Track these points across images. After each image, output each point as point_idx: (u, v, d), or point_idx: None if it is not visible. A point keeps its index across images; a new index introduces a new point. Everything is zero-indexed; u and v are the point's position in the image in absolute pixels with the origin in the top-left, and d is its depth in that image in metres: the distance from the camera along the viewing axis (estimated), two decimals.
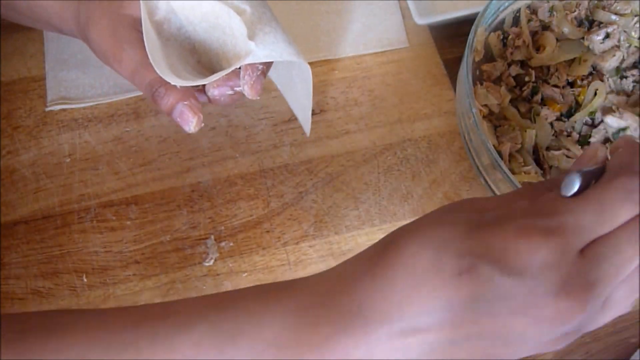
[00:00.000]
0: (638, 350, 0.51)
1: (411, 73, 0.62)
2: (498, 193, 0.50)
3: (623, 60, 0.57)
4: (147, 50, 0.44)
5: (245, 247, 0.53)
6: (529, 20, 0.58)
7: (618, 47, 0.56)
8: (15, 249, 0.52)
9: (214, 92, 0.46)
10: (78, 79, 0.59)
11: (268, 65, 0.46)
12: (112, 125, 0.58)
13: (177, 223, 0.54)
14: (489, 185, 0.51)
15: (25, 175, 0.55)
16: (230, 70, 0.44)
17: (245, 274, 0.52)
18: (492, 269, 0.27)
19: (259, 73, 0.45)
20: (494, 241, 0.28)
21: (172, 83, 0.43)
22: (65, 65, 0.60)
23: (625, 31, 0.56)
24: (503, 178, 0.47)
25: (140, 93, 0.59)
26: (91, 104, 0.58)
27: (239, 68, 0.45)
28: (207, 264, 0.52)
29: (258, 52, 0.43)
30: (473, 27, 0.52)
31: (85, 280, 0.51)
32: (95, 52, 0.48)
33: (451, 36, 0.65)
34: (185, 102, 0.44)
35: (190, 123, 0.44)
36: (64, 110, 0.58)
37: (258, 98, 0.45)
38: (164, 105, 0.44)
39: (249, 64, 0.44)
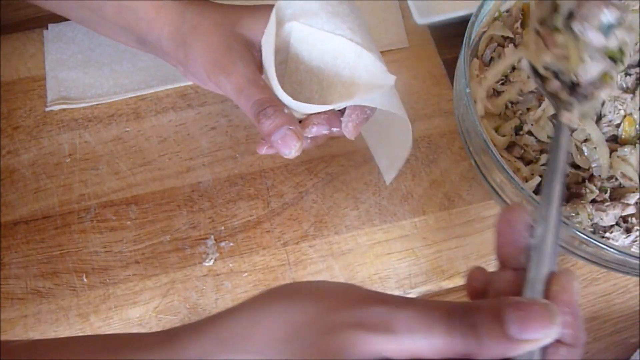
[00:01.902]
0: (638, 350, 0.51)
1: (411, 73, 0.62)
2: (500, 193, 0.50)
3: (629, 56, 0.57)
4: (267, 66, 0.44)
5: (245, 247, 0.53)
6: None
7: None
8: (15, 249, 0.52)
9: (312, 129, 0.45)
10: (78, 79, 0.59)
11: (373, 111, 0.46)
12: (112, 125, 0.58)
13: (177, 223, 0.54)
14: (490, 185, 0.51)
15: (25, 175, 0.55)
16: (352, 103, 0.44)
17: (246, 274, 0.52)
18: None
19: (365, 116, 0.45)
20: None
21: (289, 105, 0.43)
22: (65, 65, 0.60)
23: (632, 27, 0.56)
24: (502, 175, 0.47)
25: (140, 93, 0.59)
26: (91, 104, 0.58)
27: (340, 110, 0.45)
28: (207, 264, 0.52)
29: (377, 97, 0.44)
30: (469, 26, 0.52)
31: (85, 280, 0.51)
32: (195, 63, 0.47)
33: (451, 36, 0.65)
34: (291, 127, 0.43)
35: (293, 147, 0.43)
36: (64, 110, 0.58)
37: (353, 139, 0.46)
38: (268, 125, 0.43)
39: (359, 106, 0.44)
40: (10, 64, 0.60)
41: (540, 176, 0.53)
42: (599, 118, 0.56)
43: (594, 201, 0.52)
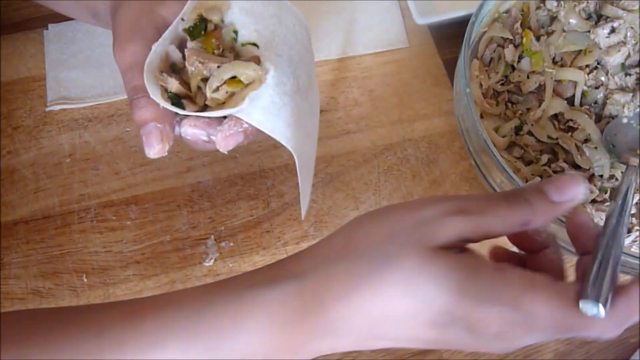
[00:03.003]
0: (638, 350, 0.51)
1: (411, 73, 0.62)
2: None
3: (629, 56, 0.57)
4: (150, 53, 0.41)
5: (245, 247, 0.53)
6: (537, 8, 0.59)
7: (624, 43, 0.56)
8: (15, 249, 0.52)
9: (187, 130, 0.41)
10: (78, 79, 0.59)
11: (255, 130, 0.41)
12: (112, 125, 0.58)
13: (177, 223, 0.54)
14: (490, 185, 0.51)
15: (25, 175, 0.55)
16: (217, 114, 0.40)
17: None
18: (463, 332, 0.30)
19: (240, 130, 0.40)
20: (478, 318, 0.30)
21: (154, 98, 0.39)
22: (65, 65, 0.60)
23: (632, 27, 0.56)
24: (502, 175, 0.47)
25: None
26: (91, 104, 0.58)
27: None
28: (207, 264, 0.52)
29: (253, 113, 0.40)
30: (469, 26, 0.52)
31: (85, 280, 0.51)
32: (113, 34, 0.44)
33: (451, 36, 0.65)
34: (159, 125, 0.39)
35: (152, 149, 0.40)
36: (64, 110, 0.58)
37: (226, 153, 0.41)
38: (137, 116, 0.40)
39: (236, 117, 0.40)
40: (10, 64, 0.60)
41: (540, 176, 0.53)
42: (599, 118, 0.56)
43: (594, 201, 0.52)
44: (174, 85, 0.40)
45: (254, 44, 0.42)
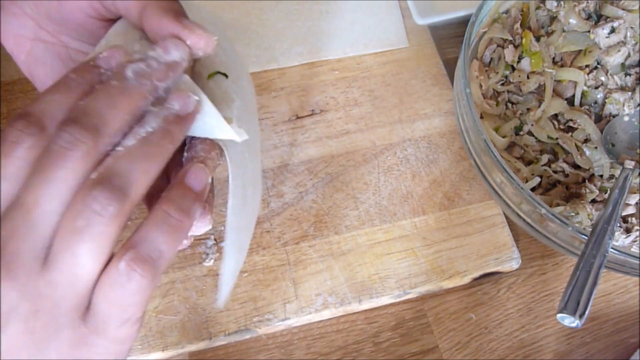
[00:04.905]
0: (638, 350, 0.51)
1: (411, 73, 0.62)
2: (500, 193, 0.50)
3: (629, 56, 0.57)
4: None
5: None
6: (537, 8, 0.59)
7: (624, 43, 0.56)
8: None
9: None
10: None
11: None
12: None
13: None
14: (490, 185, 0.51)
15: None
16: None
17: (246, 274, 0.52)
18: None
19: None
20: None
21: None
22: None
23: (632, 27, 0.56)
24: (502, 175, 0.47)
25: None
26: None
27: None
28: (207, 264, 0.52)
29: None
30: (469, 26, 0.52)
31: None
32: None
33: (451, 36, 0.65)
34: None
35: None
36: None
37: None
38: None
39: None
40: (10, 64, 0.60)
41: (540, 176, 0.53)
42: (599, 118, 0.56)
43: (594, 201, 0.52)
44: None
45: (224, 74, 0.37)
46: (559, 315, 0.34)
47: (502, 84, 0.57)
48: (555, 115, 0.56)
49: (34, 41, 0.37)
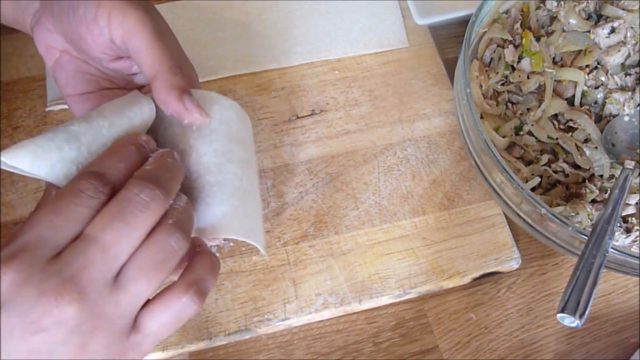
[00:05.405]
0: (638, 350, 0.51)
1: (411, 73, 0.62)
2: (500, 193, 0.50)
3: (629, 56, 0.57)
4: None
5: (245, 247, 0.53)
6: (537, 8, 0.59)
7: (624, 43, 0.56)
8: None
9: None
10: None
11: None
12: None
13: None
14: (490, 185, 0.51)
15: (25, 175, 0.55)
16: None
17: (246, 274, 0.52)
18: None
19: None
20: None
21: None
22: None
23: (632, 27, 0.56)
24: (502, 175, 0.47)
25: None
26: None
27: None
28: None
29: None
30: (469, 26, 0.52)
31: None
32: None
33: (451, 36, 0.65)
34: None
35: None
36: (64, 110, 0.58)
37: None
38: None
39: None
40: (10, 64, 0.60)
41: (540, 176, 0.53)
42: (599, 118, 0.56)
43: (594, 201, 0.52)
44: None
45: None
46: (559, 315, 0.34)
47: (502, 84, 0.57)
48: (556, 115, 0.56)
49: (62, 52, 0.43)
